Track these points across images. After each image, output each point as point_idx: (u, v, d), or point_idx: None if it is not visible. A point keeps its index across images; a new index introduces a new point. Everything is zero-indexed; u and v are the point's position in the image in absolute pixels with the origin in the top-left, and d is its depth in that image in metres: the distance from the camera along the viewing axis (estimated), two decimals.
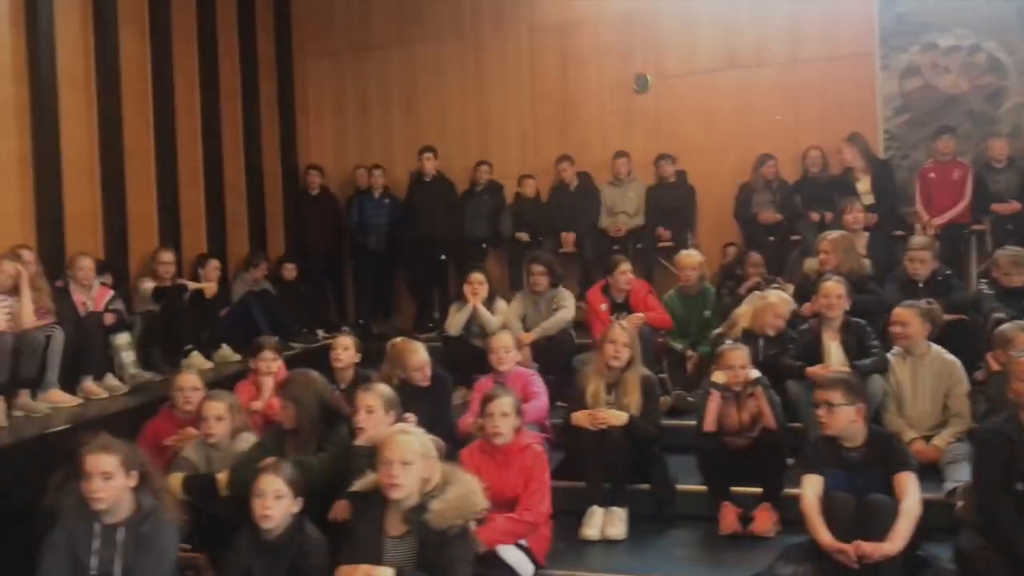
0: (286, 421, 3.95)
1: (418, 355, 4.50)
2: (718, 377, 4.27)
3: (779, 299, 5.10)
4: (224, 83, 7.86)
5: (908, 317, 4.43)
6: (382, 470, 3.10)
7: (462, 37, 8.66)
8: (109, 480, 3.26)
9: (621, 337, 4.42)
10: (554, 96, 8.44)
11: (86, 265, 5.91)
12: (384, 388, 3.84)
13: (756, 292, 5.40)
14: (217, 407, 4.07)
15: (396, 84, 8.87)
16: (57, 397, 5.34)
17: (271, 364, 5.03)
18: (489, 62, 8.60)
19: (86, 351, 5.63)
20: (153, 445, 4.41)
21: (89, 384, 5.61)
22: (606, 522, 4.15)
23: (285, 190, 8.71)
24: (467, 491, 3.13)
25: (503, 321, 5.84)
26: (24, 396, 5.17)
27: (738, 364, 4.24)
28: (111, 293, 6.05)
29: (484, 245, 8.10)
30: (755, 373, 4.27)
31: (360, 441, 3.69)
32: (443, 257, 8.06)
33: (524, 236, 7.91)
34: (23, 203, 5.98)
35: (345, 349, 4.99)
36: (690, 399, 5.37)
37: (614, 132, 8.24)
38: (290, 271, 7.98)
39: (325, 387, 4.03)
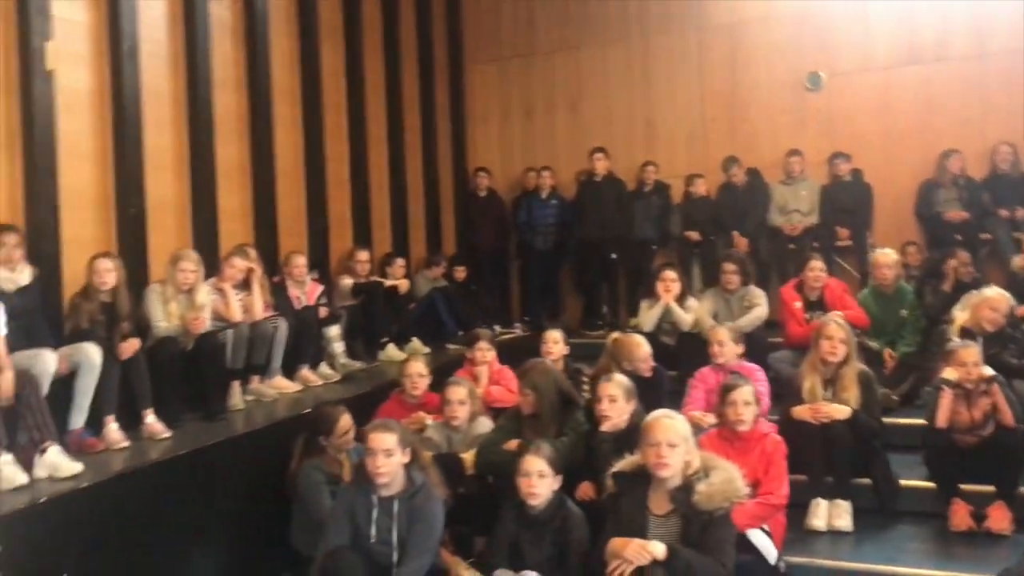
0: (525, 407, 4.19)
1: (643, 348, 4.69)
2: (949, 374, 4.25)
3: (996, 293, 5.00)
4: (405, 92, 8.28)
5: None
6: (650, 451, 3.28)
7: (628, 40, 8.80)
8: (390, 456, 3.57)
9: (838, 333, 4.47)
10: (722, 95, 8.47)
11: (301, 263, 6.39)
12: (624, 379, 4.03)
13: (973, 291, 5.29)
14: (460, 392, 4.38)
15: (561, 87, 9.10)
16: (280, 383, 5.79)
17: (486, 354, 5.32)
18: (656, 63, 8.71)
19: (303, 342, 6.07)
20: None
21: (305, 372, 6.04)
22: (832, 514, 4.22)
23: (456, 193, 9.07)
24: (730, 476, 3.27)
25: (695, 318, 5.95)
26: (255, 382, 5.65)
27: (971, 361, 4.21)
28: (321, 288, 6.50)
29: (654, 246, 8.20)
30: (989, 371, 4.23)
31: (605, 428, 3.89)
32: (614, 256, 8.20)
33: (694, 235, 7.96)
34: (244, 205, 6.50)
35: (555, 342, 5.23)
36: (894, 397, 5.35)
37: (784, 131, 8.20)
38: (460, 272, 8.31)
39: (561, 376, 4.26)
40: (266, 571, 4.41)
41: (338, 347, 6.34)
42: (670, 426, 3.30)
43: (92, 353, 4.51)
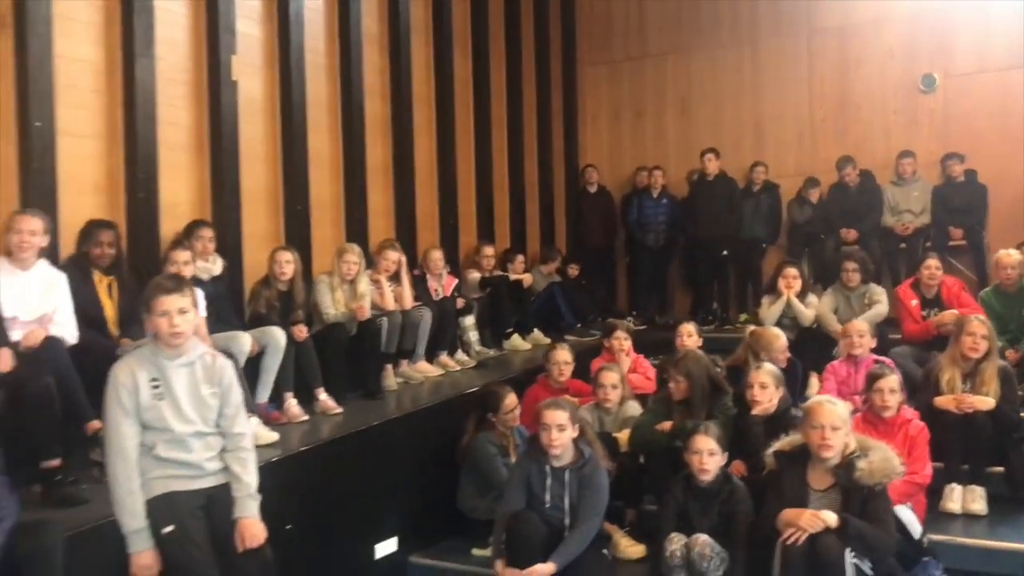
0: (676, 393, 4.55)
1: (781, 340, 5.00)
2: None
3: None
4: (524, 96, 8.70)
5: None
6: (814, 433, 3.60)
7: (739, 43, 9.04)
8: (563, 431, 3.98)
9: (980, 329, 4.69)
10: (833, 97, 8.65)
11: (438, 257, 6.86)
12: (773, 367, 4.38)
13: None
14: (613, 376, 4.78)
15: (671, 89, 9.40)
16: (424, 367, 6.27)
17: (623, 343, 5.70)
18: (766, 66, 8.93)
19: (442, 330, 6.53)
20: (535, 408, 5.19)
21: (444, 358, 6.51)
22: (967, 498, 4.47)
23: (568, 192, 9.46)
24: (887, 455, 3.58)
25: (815, 314, 6.20)
26: (403, 365, 6.14)
27: None
28: (455, 281, 6.97)
29: (763, 244, 8.44)
30: None
31: (756, 412, 4.24)
32: (724, 253, 8.47)
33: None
34: (387, 203, 7.02)
35: (690, 335, 5.58)
36: (1019, 393, 5.51)
37: (896, 132, 8.35)
38: (573, 269, 8.67)
39: (712, 364, 4.61)
40: (436, 531, 4.90)
41: (473, 335, 6.81)
42: (832, 411, 3.61)
43: (278, 335, 5.06)
